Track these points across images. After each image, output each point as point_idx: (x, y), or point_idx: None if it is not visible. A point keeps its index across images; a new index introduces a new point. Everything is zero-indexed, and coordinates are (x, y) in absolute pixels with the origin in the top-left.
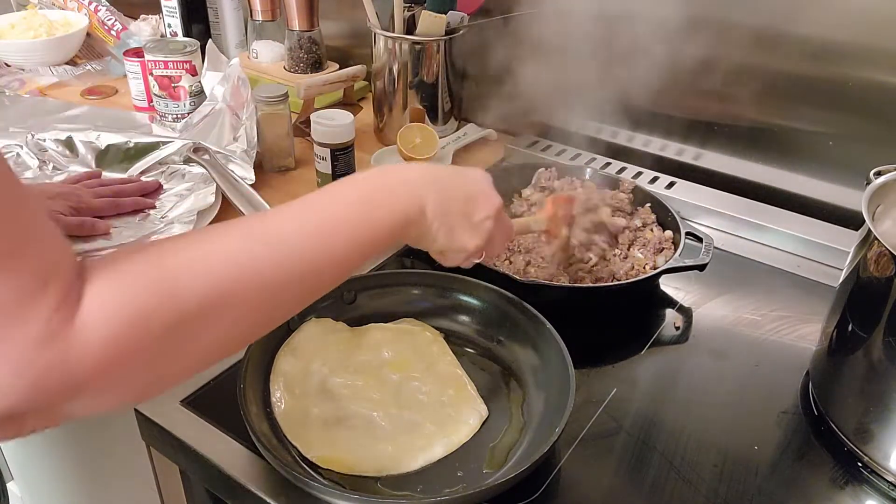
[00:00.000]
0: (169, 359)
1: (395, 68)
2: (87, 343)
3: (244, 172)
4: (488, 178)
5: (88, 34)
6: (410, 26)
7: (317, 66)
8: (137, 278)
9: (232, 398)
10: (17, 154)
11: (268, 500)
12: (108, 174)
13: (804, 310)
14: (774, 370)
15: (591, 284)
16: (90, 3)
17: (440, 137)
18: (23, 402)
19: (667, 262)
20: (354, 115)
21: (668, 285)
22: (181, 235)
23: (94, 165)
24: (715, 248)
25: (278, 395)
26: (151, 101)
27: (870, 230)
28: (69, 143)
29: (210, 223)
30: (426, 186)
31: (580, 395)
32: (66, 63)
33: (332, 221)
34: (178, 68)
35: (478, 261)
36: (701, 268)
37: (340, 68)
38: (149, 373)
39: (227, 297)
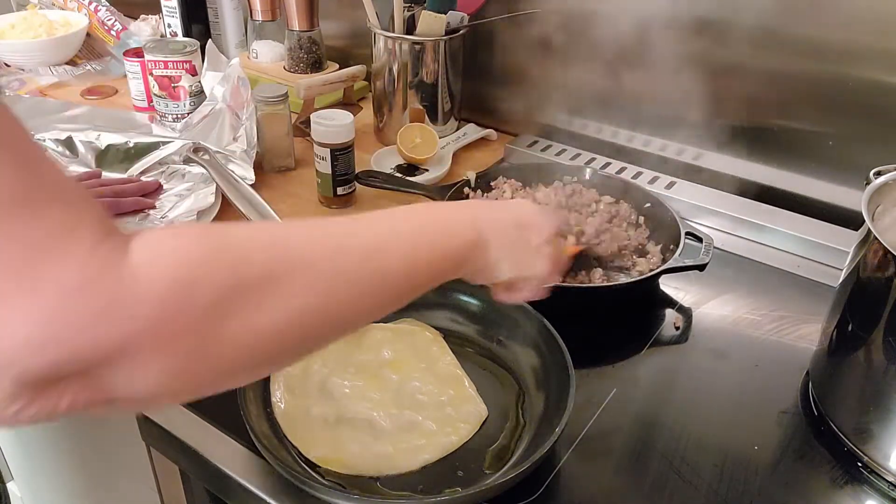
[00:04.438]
0: (223, 329)
1: (394, 68)
2: (135, 293)
3: (244, 172)
4: (531, 205)
5: (88, 34)
6: (410, 26)
7: (317, 66)
8: (192, 236)
9: (232, 398)
10: None
11: (268, 500)
12: (108, 174)
13: (804, 310)
14: (774, 370)
15: (591, 284)
16: (90, 3)
17: (440, 137)
18: (60, 356)
19: (666, 262)
20: (354, 115)
21: (668, 285)
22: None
23: (94, 165)
24: (715, 248)
25: (278, 395)
26: (151, 101)
27: (870, 230)
28: (69, 143)
29: (210, 223)
30: (478, 219)
31: (580, 395)
32: (66, 63)
33: (386, 239)
34: (177, 68)
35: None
36: (701, 268)
37: (340, 68)
38: (201, 345)
39: (289, 271)
